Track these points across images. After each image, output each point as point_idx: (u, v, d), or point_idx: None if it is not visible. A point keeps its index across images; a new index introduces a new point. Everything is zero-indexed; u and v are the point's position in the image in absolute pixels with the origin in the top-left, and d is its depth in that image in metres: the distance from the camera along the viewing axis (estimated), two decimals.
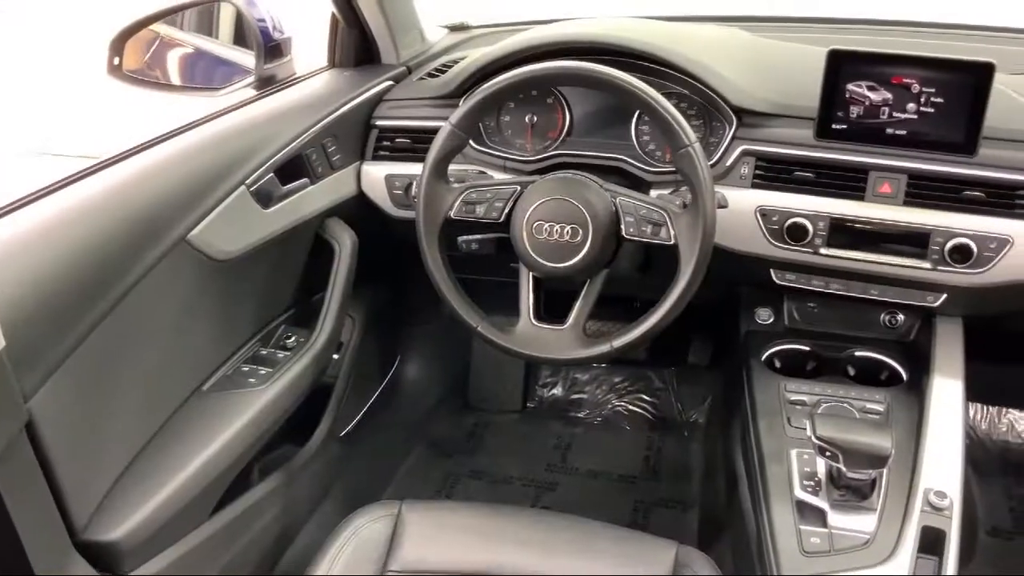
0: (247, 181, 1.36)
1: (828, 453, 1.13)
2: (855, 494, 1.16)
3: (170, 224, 1.22)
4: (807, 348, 1.52)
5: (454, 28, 1.95)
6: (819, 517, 1.15)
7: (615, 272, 1.38)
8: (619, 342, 1.28)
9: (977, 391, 2.10)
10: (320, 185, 1.51)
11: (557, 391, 2.34)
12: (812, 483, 1.20)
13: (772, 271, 1.47)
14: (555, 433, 2.22)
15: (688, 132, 1.22)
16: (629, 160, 1.48)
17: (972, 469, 2.03)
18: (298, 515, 1.58)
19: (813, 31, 1.78)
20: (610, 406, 2.29)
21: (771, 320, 1.58)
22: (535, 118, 1.54)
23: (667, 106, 1.23)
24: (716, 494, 1.74)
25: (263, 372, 1.39)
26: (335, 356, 1.62)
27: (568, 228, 1.27)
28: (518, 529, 1.26)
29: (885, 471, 1.19)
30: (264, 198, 1.39)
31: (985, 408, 2.14)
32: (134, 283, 1.14)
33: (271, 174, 1.40)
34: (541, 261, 1.29)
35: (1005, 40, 1.77)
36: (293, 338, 1.50)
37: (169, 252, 1.21)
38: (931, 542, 1.10)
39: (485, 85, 1.30)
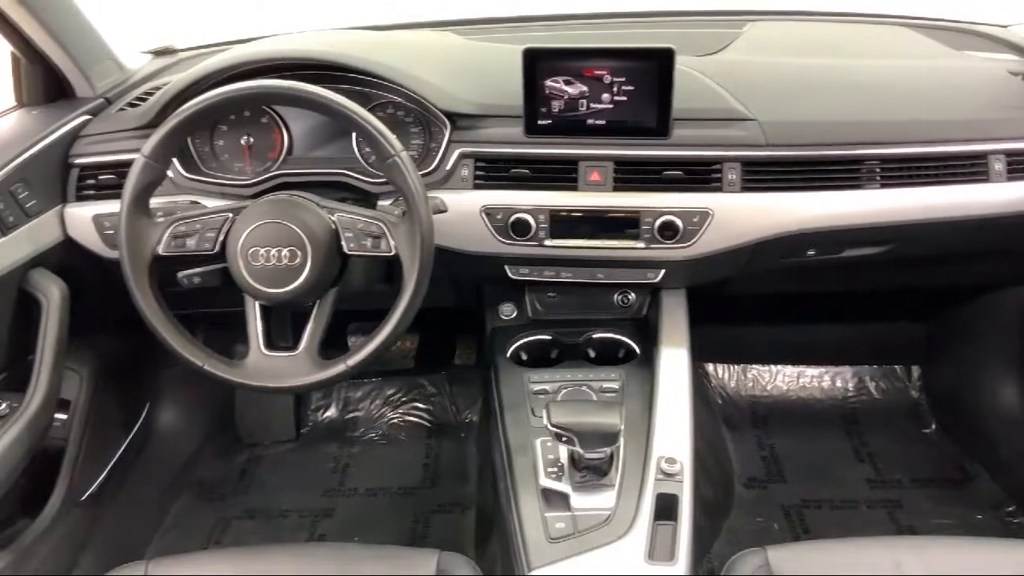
0: None
1: (565, 438, 1.17)
2: (595, 473, 1.21)
3: None
4: (549, 337, 1.57)
5: (159, 53, 1.85)
6: (563, 501, 1.18)
7: (355, 287, 1.37)
8: (354, 361, 1.26)
9: (718, 352, 2.27)
10: (14, 236, 1.38)
11: (331, 413, 2.29)
12: (556, 469, 1.23)
13: (507, 267, 1.50)
14: (332, 456, 2.16)
15: (392, 142, 1.22)
16: (352, 174, 1.46)
17: (726, 426, 2.18)
18: None
19: (523, 30, 1.84)
20: (386, 419, 2.26)
21: (514, 314, 1.61)
22: (251, 139, 1.49)
23: (368, 118, 1.22)
24: (488, 493, 1.76)
25: None
26: (62, 416, 1.49)
27: (286, 251, 1.23)
28: (276, 569, 1.21)
29: (622, 446, 1.25)
30: None
31: (730, 367, 2.30)
32: None
33: None
34: (262, 288, 1.24)
35: (690, 24, 1.90)
36: (4, 404, 1.36)
37: None
38: (666, 508, 1.16)
39: (175, 112, 1.23)
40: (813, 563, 1.19)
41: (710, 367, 2.31)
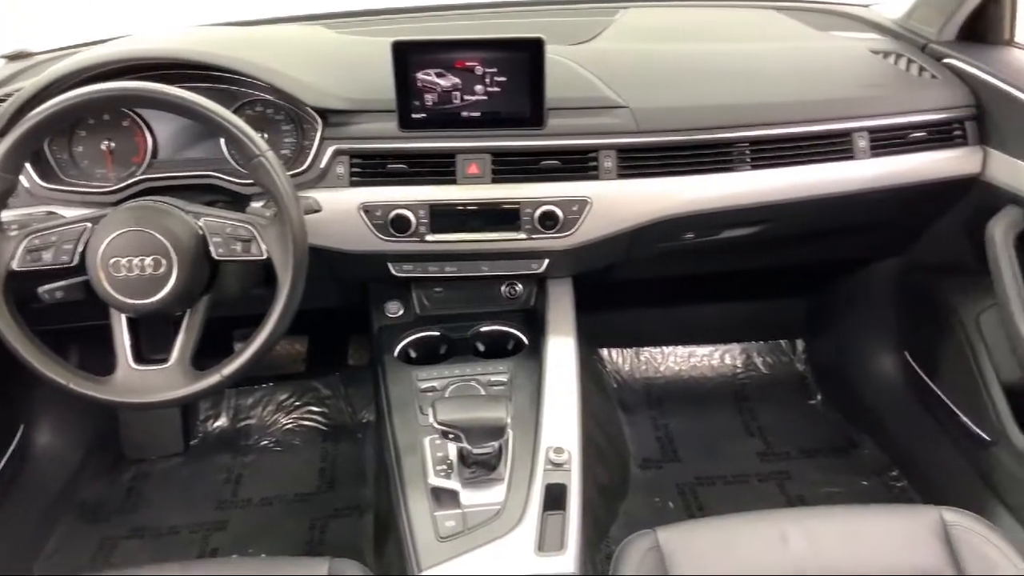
0: None
1: (452, 435, 1.16)
2: (484, 468, 1.20)
3: None
4: (437, 333, 1.55)
5: (13, 57, 1.74)
6: (453, 499, 1.17)
7: (230, 293, 1.32)
8: (229, 370, 1.21)
9: (612, 337, 2.30)
10: None
11: (222, 422, 2.22)
12: (445, 467, 1.22)
13: (389, 264, 1.48)
14: (224, 467, 2.10)
15: (256, 142, 1.18)
16: (222, 176, 1.40)
17: (621, 410, 2.21)
18: None
19: (396, 22, 1.81)
20: (279, 426, 2.21)
21: (401, 312, 1.59)
22: (113, 144, 1.41)
23: (229, 118, 1.18)
24: (384, 495, 1.74)
25: None
26: None
27: (149, 260, 1.17)
28: None
29: (511, 439, 1.24)
30: None
31: (624, 351, 2.33)
32: None
33: None
34: (126, 299, 1.18)
35: (563, 12, 1.91)
36: None
37: None
38: (555, 498, 1.16)
39: (24, 118, 1.16)
40: (701, 540, 1.22)
41: (604, 352, 2.34)
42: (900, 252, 1.92)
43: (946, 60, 1.62)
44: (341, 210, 1.39)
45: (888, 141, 1.50)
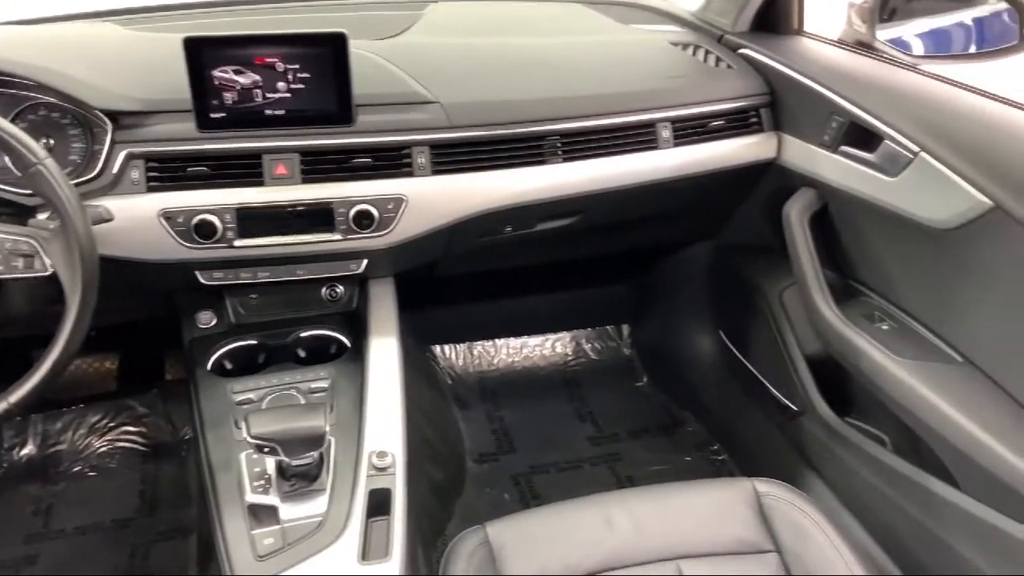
0: None
1: (267, 448, 1.11)
2: (305, 480, 1.15)
3: None
4: (254, 342, 1.48)
5: None
6: (272, 515, 1.12)
7: (18, 313, 1.22)
8: (16, 397, 1.11)
9: (444, 334, 2.29)
10: None
11: (29, 450, 2.05)
12: (263, 482, 1.16)
13: (197, 273, 1.40)
14: (33, 498, 1.94)
15: (33, 149, 1.09)
16: (5, 187, 1.28)
17: (456, 405, 2.20)
18: None
19: (193, 18, 1.71)
20: (93, 449, 2.06)
21: (214, 322, 1.51)
22: None
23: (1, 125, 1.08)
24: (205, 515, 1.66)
25: None
26: None
27: None
28: None
29: (333, 447, 1.21)
30: None
31: (456, 347, 2.33)
32: None
33: None
34: None
35: (371, 6, 1.87)
36: None
37: None
38: (379, 504, 1.13)
39: None
40: (530, 531, 1.23)
41: (437, 349, 2.33)
42: (712, 236, 2.01)
43: (741, 51, 1.70)
44: (138, 217, 1.30)
45: (690, 130, 1.56)
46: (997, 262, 1.24)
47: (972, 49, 1.65)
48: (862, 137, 1.44)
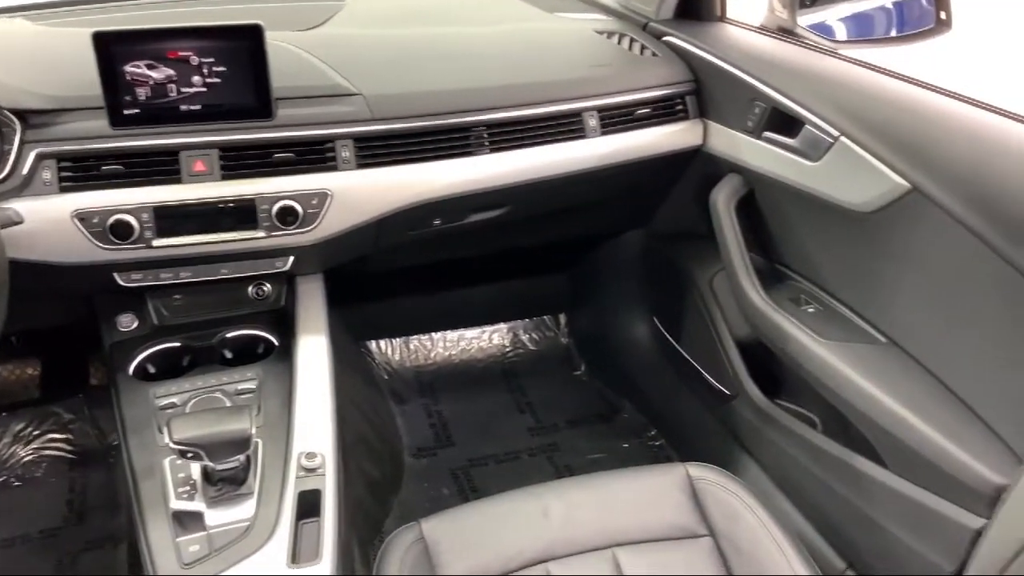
0: None
1: (190, 454, 1.08)
2: (232, 484, 1.13)
3: None
4: (178, 344, 1.44)
5: None
6: (197, 521, 1.09)
7: None
8: None
9: (379, 328, 2.27)
10: None
11: None
12: (188, 488, 1.14)
13: (115, 275, 1.36)
14: None
15: None
16: None
17: (393, 401, 2.18)
18: None
19: (105, 12, 1.66)
20: (17, 459, 1.99)
21: (135, 325, 1.46)
22: None
23: None
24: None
25: None
26: None
27: None
28: None
29: (260, 450, 1.18)
30: None
31: (393, 341, 2.31)
32: None
33: None
34: None
35: None
36: None
37: None
38: (309, 505, 1.11)
39: None
40: (466, 526, 1.22)
41: (372, 344, 2.30)
42: (643, 224, 2.02)
43: (665, 38, 1.71)
44: (51, 219, 1.25)
45: (616, 119, 1.56)
46: (916, 243, 1.26)
47: (892, 33, 1.69)
48: (784, 123, 1.46)
